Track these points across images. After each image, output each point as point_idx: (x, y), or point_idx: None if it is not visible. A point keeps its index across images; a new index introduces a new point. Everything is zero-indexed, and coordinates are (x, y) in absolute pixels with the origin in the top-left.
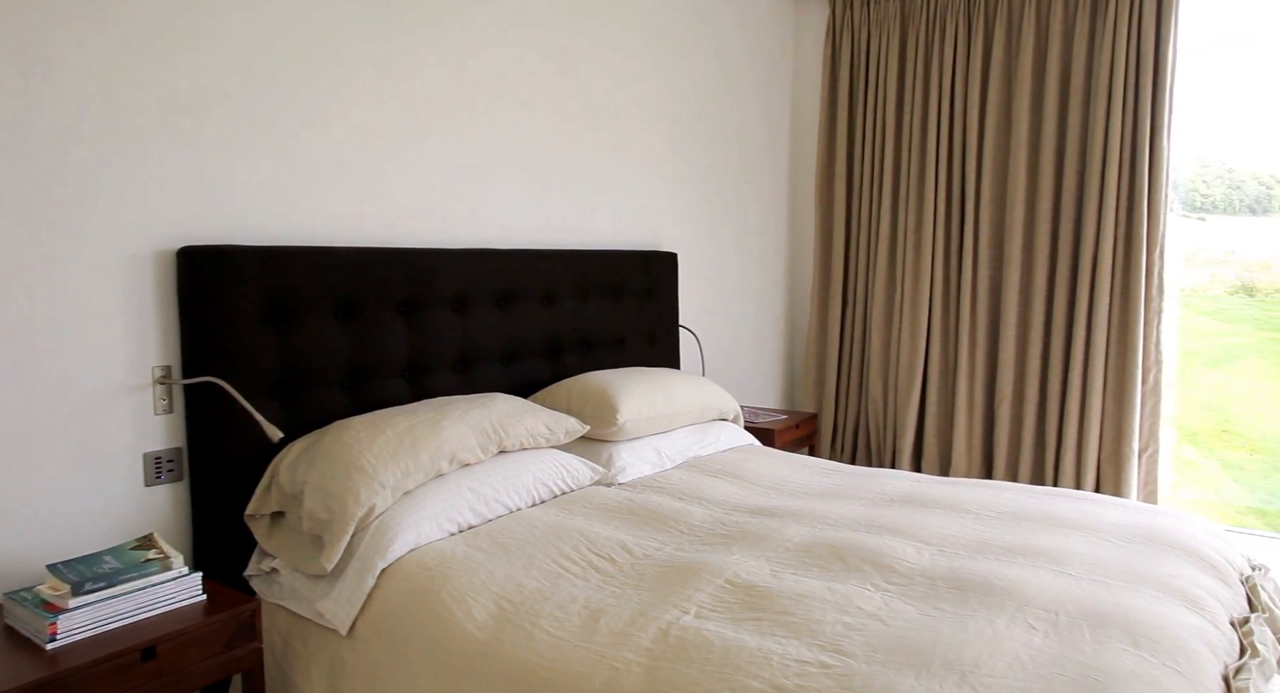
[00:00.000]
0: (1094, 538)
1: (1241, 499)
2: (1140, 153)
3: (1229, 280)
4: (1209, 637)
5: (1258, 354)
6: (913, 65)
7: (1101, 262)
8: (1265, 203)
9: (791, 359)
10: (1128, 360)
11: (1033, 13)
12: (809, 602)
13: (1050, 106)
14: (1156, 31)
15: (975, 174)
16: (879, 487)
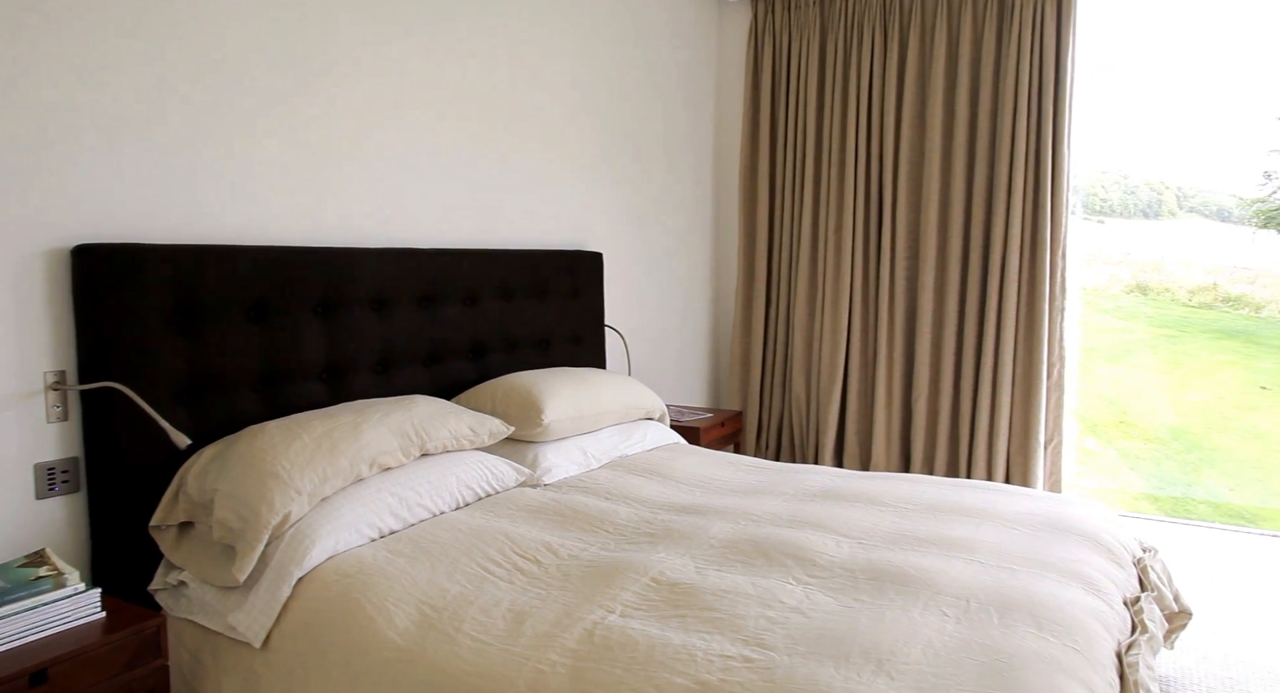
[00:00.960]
0: (1002, 527)
1: (1137, 486)
2: (1044, 159)
3: (1125, 280)
4: (1104, 617)
5: (1150, 350)
6: (832, 70)
7: (1010, 262)
8: (1156, 207)
9: (717, 358)
10: (1034, 356)
11: (944, 23)
12: (733, 597)
13: (961, 114)
14: (1057, 46)
15: (892, 177)
16: (801, 482)
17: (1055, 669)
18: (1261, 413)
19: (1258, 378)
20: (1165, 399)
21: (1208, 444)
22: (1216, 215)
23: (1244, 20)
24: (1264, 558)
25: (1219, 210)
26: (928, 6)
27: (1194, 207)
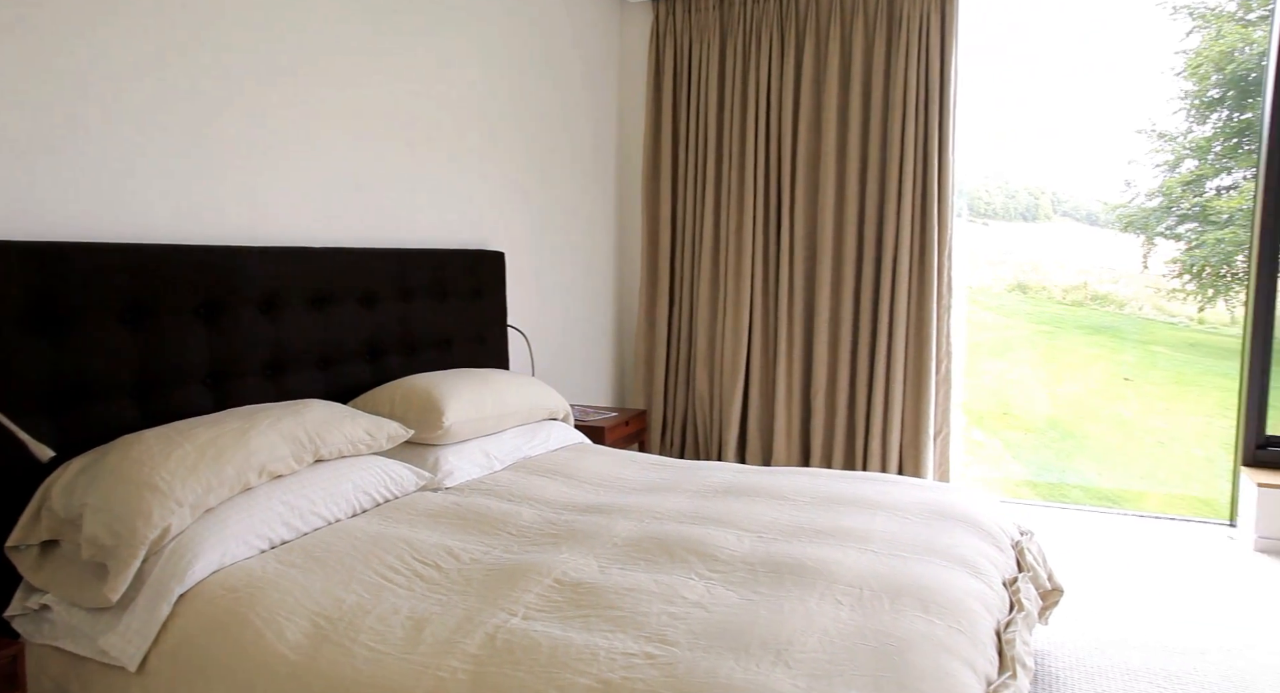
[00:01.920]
0: (894, 516)
1: (1019, 473)
2: (930, 164)
3: (1007, 279)
4: (986, 598)
5: (1030, 345)
6: (732, 73)
7: (900, 263)
8: (1034, 211)
9: (621, 357)
10: (923, 352)
11: (837, 31)
12: (635, 595)
13: (854, 118)
14: (941, 56)
15: (790, 179)
16: (704, 479)
17: (941, 650)
18: (1125, 402)
19: (1121, 370)
20: (1043, 391)
21: (1079, 433)
22: (1086, 219)
23: (1107, 42)
24: (1127, 536)
25: (1088, 215)
26: (821, 14)
27: (1067, 211)
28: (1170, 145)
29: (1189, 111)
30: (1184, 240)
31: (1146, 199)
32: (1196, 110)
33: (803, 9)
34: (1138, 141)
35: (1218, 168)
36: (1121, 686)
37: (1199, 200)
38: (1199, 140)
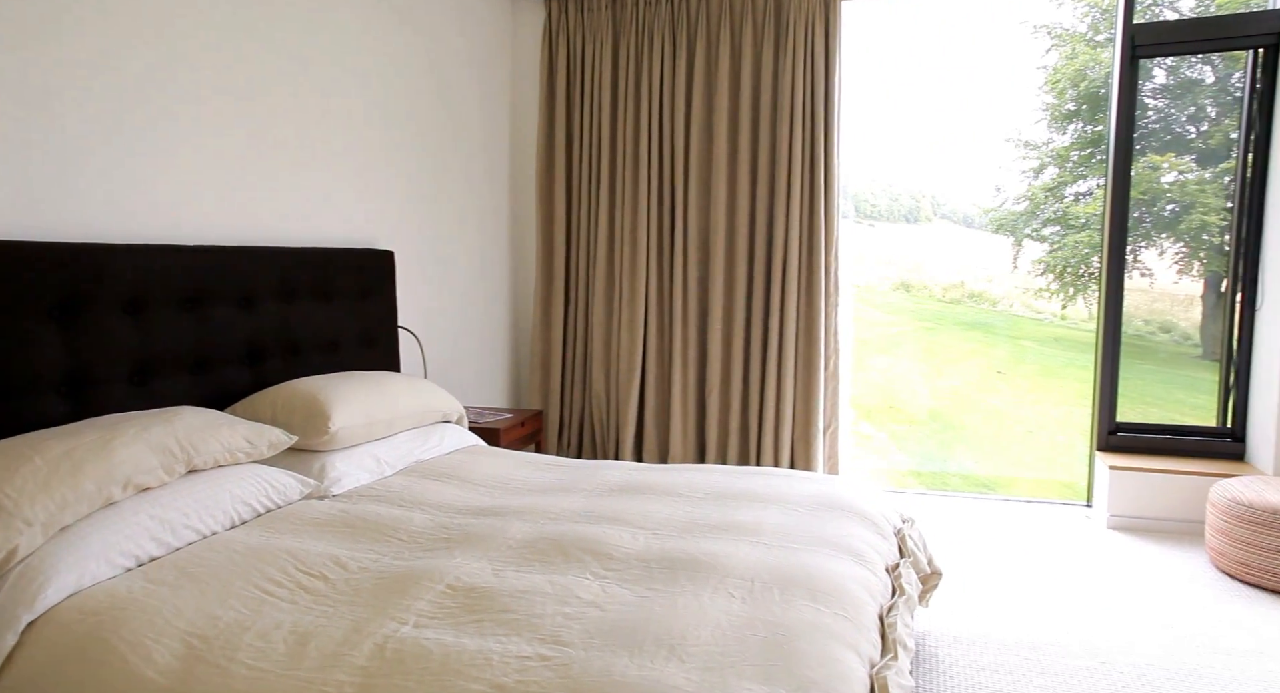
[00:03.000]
0: (785, 509)
1: (904, 464)
2: (817, 166)
3: (892, 278)
4: (870, 585)
5: (913, 341)
6: (625, 73)
7: (790, 262)
8: (916, 213)
9: (517, 358)
10: (813, 349)
11: (727, 35)
12: (530, 597)
13: (744, 121)
14: (826, 62)
15: (683, 179)
16: (600, 478)
17: (828, 637)
18: (998, 394)
19: (995, 364)
20: (924, 385)
21: (958, 424)
22: (963, 222)
23: (978, 55)
24: (999, 520)
25: (964, 217)
26: (712, 18)
27: (945, 213)
28: (1034, 153)
29: (1050, 123)
30: (1048, 242)
31: (1015, 203)
32: (1056, 122)
33: (693, 12)
34: (1006, 149)
35: (1075, 175)
36: (994, 659)
37: (1060, 205)
38: (1059, 149)
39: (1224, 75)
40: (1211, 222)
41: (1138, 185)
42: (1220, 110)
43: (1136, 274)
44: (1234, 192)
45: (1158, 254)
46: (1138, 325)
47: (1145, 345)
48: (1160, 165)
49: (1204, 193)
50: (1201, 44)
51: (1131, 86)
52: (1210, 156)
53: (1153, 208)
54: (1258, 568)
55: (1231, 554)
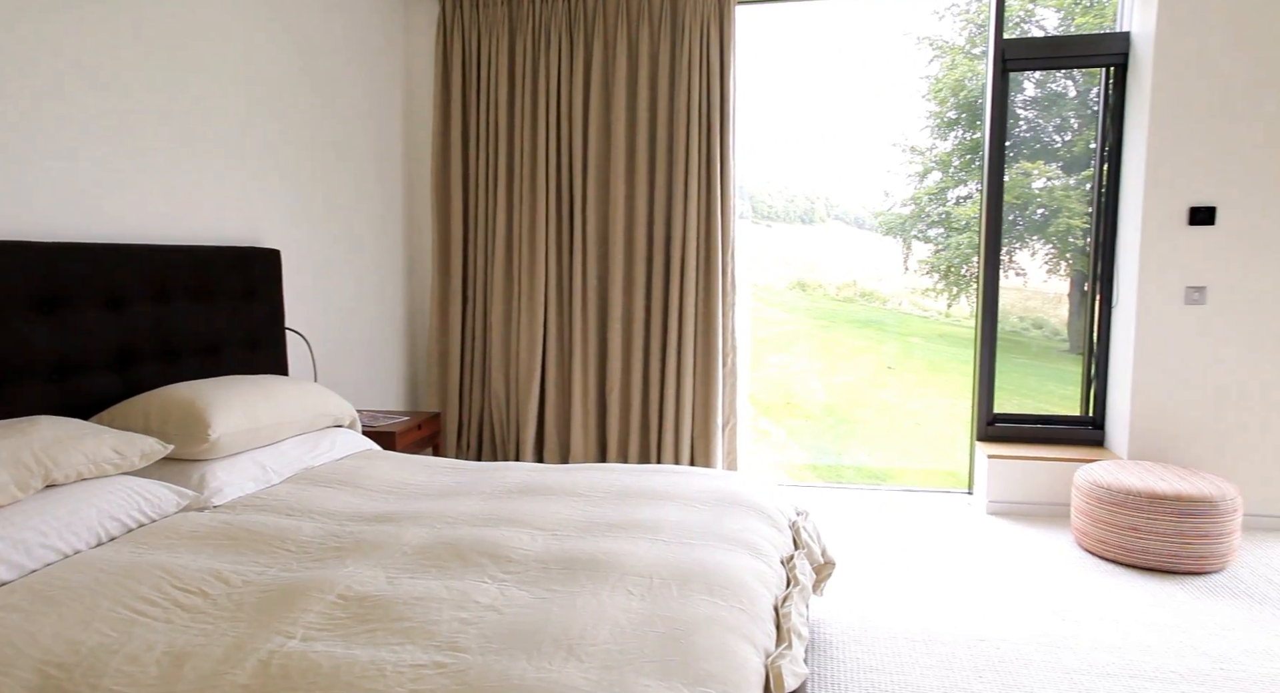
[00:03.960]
0: (684, 506)
1: (801, 458)
2: (713, 167)
3: (788, 278)
4: (765, 577)
5: (808, 338)
6: (522, 71)
7: (688, 261)
8: (811, 215)
9: (413, 359)
10: (711, 347)
11: (624, 35)
12: (426, 604)
13: (642, 121)
14: (721, 65)
15: (582, 178)
16: (499, 480)
17: (724, 630)
18: (888, 389)
19: (885, 360)
20: (820, 381)
21: (851, 418)
22: (855, 223)
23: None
24: (890, 509)
25: (856, 219)
26: (609, 17)
27: (838, 215)
28: (919, 159)
29: (933, 129)
30: (933, 244)
31: (902, 206)
32: (939, 129)
33: (590, 11)
34: (894, 154)
35: (956, 180)
36: (884, 643)
37: (943, 208)
38: (942, 155)
39: (1084, 90)
40: (1076, 225)
41: (1011, 190)
42: (1082, 122)
43: (1012, 274)
44: (1093, 198)
45: (1030, 255)
46: (1013, 322)
47: (1020, 341)
48: (1031, 172)
49: (1069, 198)
50: (1062, 60)
51: (1003, 97)
52: (1074, 164)
53: (1025, 212)
54: (1114, 544)
55: (1092, 533)
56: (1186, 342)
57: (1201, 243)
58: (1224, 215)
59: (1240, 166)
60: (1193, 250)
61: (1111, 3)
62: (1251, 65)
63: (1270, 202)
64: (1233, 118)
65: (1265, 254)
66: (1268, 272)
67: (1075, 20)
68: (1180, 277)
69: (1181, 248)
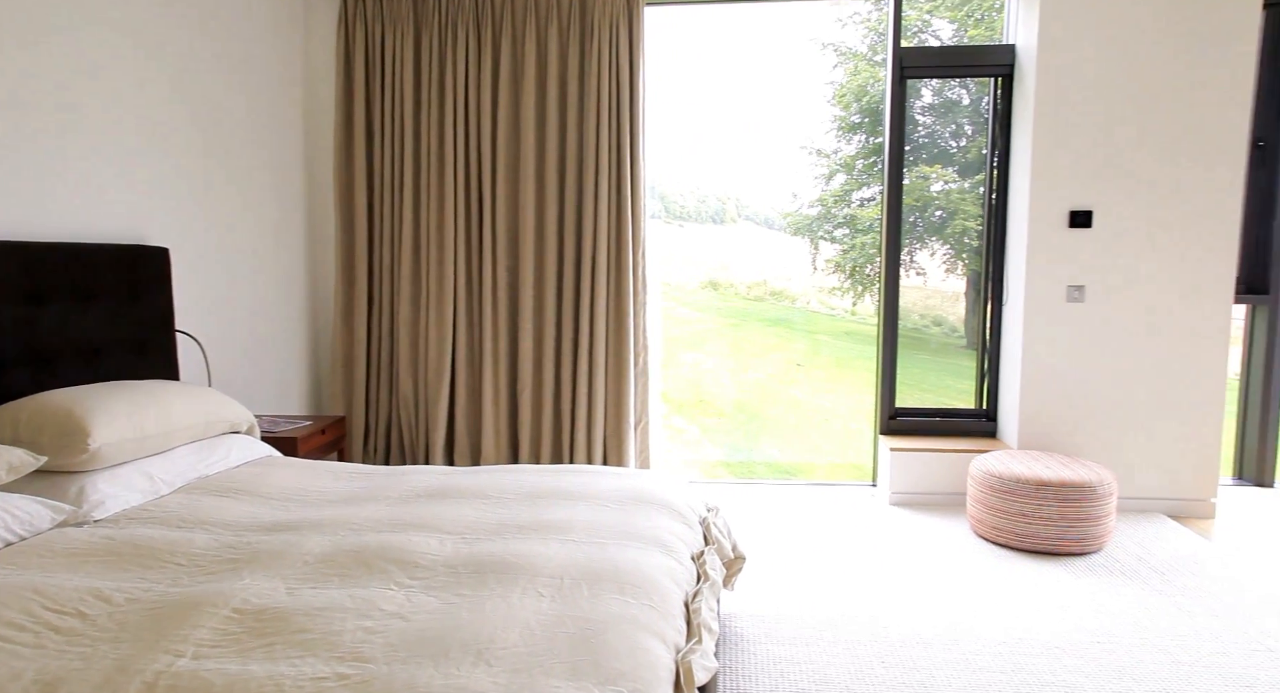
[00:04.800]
0: (595, 506)
1: (714, 455)
2: (624, 166)
3: (700, 277)
4: (676, 574)
5: (720, 337)
6: (428, 67)
7: (599, 261)
8: (722, 215)
9: (316, 361)
10: (623, 347)
11: (533, 33)
12: (328, 614)
13: (552, 120)
14: (630, 66)
15: (491, 177)
16: (406, 484)
17: (635, 627)
18: (798, 386)
19: (794, 357)
20: (731, 379)
21: (762, 415)
22: (764, 223)
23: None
24: (800, 503)
25: (766, 220)
26: (517, 15)
27: (749, 215)
28: (825, 161)
29: (837, 133)
30: (839, 244)
31: (809, 207)
32: (843, 132)
33: (498, 8)
34: (801, 157)
35: (860, 182)
36: (792, 633)
37: (848, 210)
38: (846, 158)
39: (976, 98)
40: (971, 227)
41: (911, 193)
42: (975, 128)
43: (913, 273)
44: (985, 201)
45: (930, 255)
46: (914, 319)
47: (921, 337)
48: (930, 175)
49: (964, 201)
50: (955, 69)
51: (901, 103)
52: (968, 169)
53: (924, 214)
54: (1005, 530)
55: (986, 520)
56: (1068, 338)
57: (1081, 244)
58: (1100, 218)
59: (1114, 173)
60: (1073, 251)
61: (1000, 16)
62: (1124, 78)
63: (1140, 206)
64: (1107, 127)
65: (1136, 255)
66: (1138, 271)
67: (968, 32)
68: (1062, 276)
69: (1063, 249)
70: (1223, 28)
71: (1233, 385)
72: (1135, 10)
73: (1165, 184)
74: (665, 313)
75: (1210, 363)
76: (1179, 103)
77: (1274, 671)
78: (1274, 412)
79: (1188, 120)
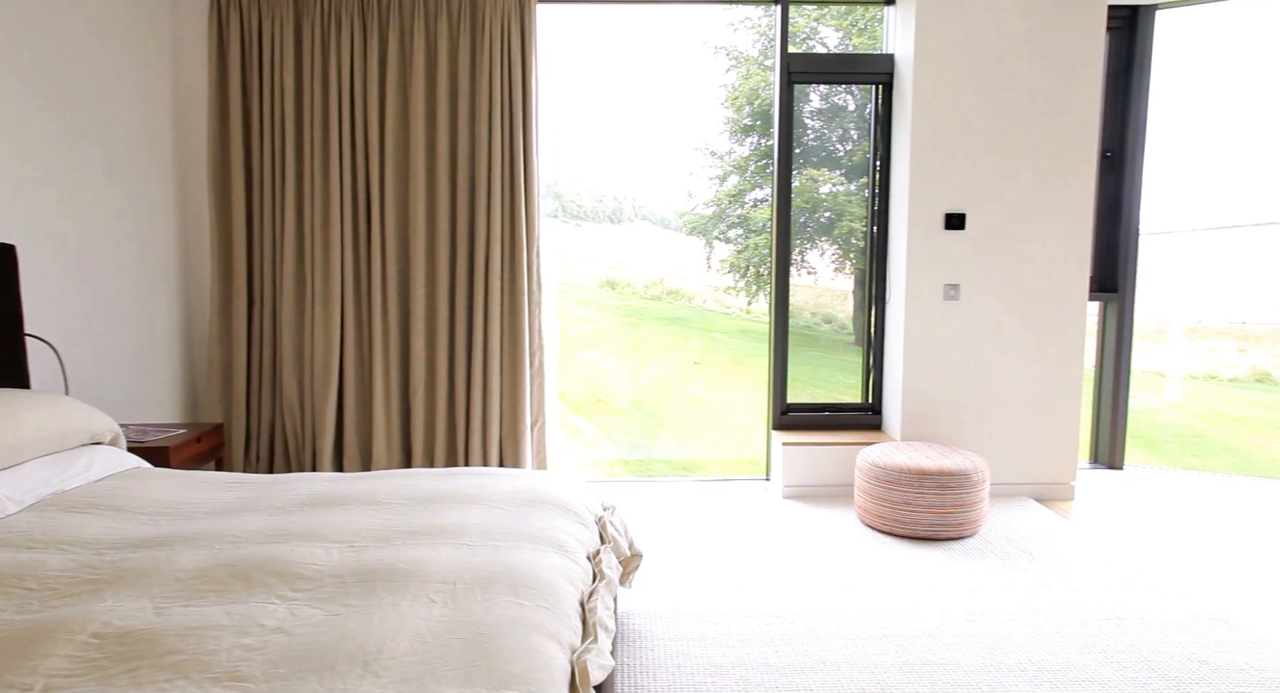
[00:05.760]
0: (489, 508)
1: (613, 454)
2: (517, 165)
3: (598, 276)
4: (571, 573)
5: (617, 336)
6: (310, 58)
7: (493, 260)
8: (619, 214)
9: (192, 367)
10: (518, 346)
11: (421, 27)
12: (202, 633)
13: (442, 116)
14: (523, 63)
15: (379, 172)
16: (290, 493)
17: (529, 630)
18: (695, 383)
19: (691, 355)
20: (629, 378)
21: (660, 413)
22: (661, 223)
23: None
24: (697, 499)
25: (662, 219)
26: (405, 8)
27: (645, 215)
28: (719, 162)
29: (731, 135)
30: (733, 244)
31: (704, 208)
32: (736, 134)
33: (385, 1)
34: (696, 158)
35: (753, 183)
36: (689, 628)
37: (742, 211)
38: (740, 159)
39: (861, 104)
40: (857, 228)
41: (802, 194)
42: (860, 133)
43: (804, 273)
44: (869, 203)
45: (820, 255)
46: (806, 317)
47: (812, 335)
48: (818, 178)
49: (851, 203)
50: (840, 76)
51: (789, 107)
52: (854, 172)
53: (814, 215)
54: (890, 519)
55: (872, 509)
56: (945, 334)
57: (955, 245)
58: (972, 221)
59: (983, 179)
60: (949, 252)
61: (882, 26)
62: (991, 91)
63: (1007, 209)
64: (976, 136)
65: (1004, 255)
66: (1006, 271)
67: (853, 40)
68: (939, 276)
69: (940, 250)
70: (1074, 49)
71: (1089, 377)
72: (999, 29)
73: (1028, 190)
74: (563, 312)
75: (1069, 357)
76: (1038, 116)
77: (1122, 638)
78: (1123, 400)
79: (1046, 132)
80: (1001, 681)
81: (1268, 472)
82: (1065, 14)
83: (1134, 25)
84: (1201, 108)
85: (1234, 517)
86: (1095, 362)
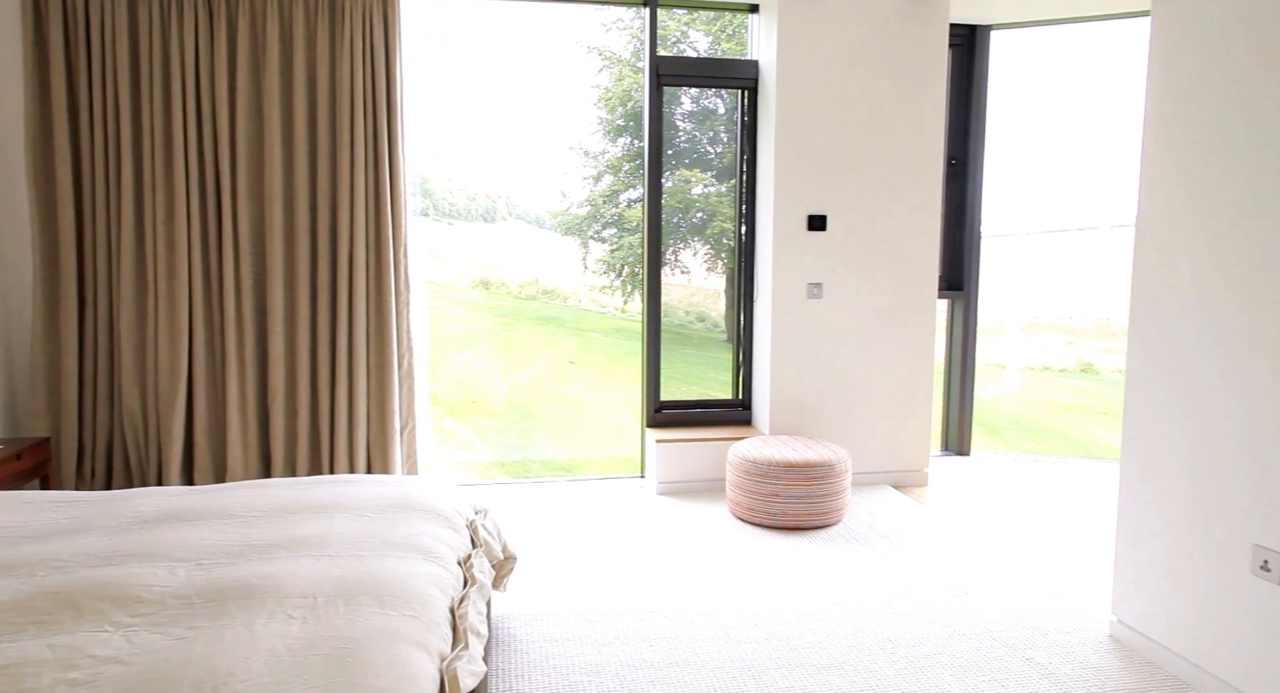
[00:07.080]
0: (353, 516)
1: (488, 456)
2: (381, 161)
3: (471, 276)
4: (440, 580)
5: (491, 336)
6: (149, 42)
7: (357, 259)
8: (493, 213)
9: (11, 376)
10: (385, 348)
11: (275, 14)
12: (19, 670)
13: (300, 110)
14: (386, 55)
15: (230, 167)
16: (129, 510)
17: (395, 640)
18: (570, 383)
19: (566, 355)
20: (504, 378)
21: (536, 413)
22: (535, 223)
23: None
24: (574, 499)
25: (536, 219)
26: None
27: (519, 214)
28: (593, 162)
29: (604, 135)
30: (608, 243)
31: (579, 207)
32: (610, 134)
33: None
34: (570, 157)
35: (627, 183)
36: (565, 629)
37: (616, 210)
38: (613, 160)
39: (730, 107)
40: (728, 228)
41: (674, 195)
42: (730, 136)
43: (678, 272)
44: (737, 204)
45: (693, 255)
46: (680, 316)
47: (686, 333)
48: (691, 179)
49: (722, 204)
50: (708, 80)
51: (659, 109)
52: (724, 173)
53: (687, 215)
54: (760, 511)
55: (743, 502)
56: (809, 331)
57: (818, 246)
58: (833, 223)
59: (842, 182)
60: (811, 252)
61: (749, 32)
62: (848, 100)
63: (863, 212)
64: (836, 142)
65: (861, 256)
66: (863, 272)
67: (722, 45)
68: (803, 275)
69: (803, 250)
70: (921, 63)
71: (940, 370)
72: (854, 41)
73: (882, 194)
74: (435, 313)
75: (922, 351)
76: (891, 124)
77: (966, 611)
78: (970, 391)
79: (897, 139)
80: (863, 659)
81: (1094, 453)
82: (912, 29)
83: (973, 43)
84: (1034, 121)
85: (1065, 496)
86: (945, 356)
